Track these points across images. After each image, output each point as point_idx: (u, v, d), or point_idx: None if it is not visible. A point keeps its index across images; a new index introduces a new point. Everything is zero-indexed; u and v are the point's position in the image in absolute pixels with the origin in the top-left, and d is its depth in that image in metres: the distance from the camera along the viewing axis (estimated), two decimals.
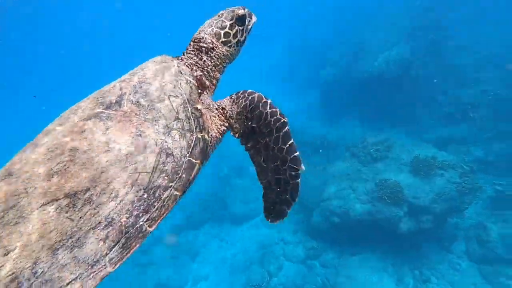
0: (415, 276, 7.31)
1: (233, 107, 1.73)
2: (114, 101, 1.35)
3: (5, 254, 0.98)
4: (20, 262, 0.98)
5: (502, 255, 7.05)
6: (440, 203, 7.32)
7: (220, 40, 1.74)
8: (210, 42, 1.74)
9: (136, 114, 1.32)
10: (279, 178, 1.65)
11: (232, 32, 1.75)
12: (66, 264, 1.03)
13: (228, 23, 1.73)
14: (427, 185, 7.51)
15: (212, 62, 1.76)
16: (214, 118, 1.69)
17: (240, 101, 1.71)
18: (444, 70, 13.05)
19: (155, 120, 1.33)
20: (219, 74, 1.83)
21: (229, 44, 1.77)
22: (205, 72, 1.74)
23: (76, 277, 1.04)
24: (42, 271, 1.00)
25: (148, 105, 1.36)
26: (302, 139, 13.40)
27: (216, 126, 1.68)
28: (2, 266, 0.97)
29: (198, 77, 1.68)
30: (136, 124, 1.30)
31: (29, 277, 0.98)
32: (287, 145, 1.62)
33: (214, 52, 1.76)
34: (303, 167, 1.60)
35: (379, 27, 14.60)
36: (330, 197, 8.40)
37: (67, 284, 1.02)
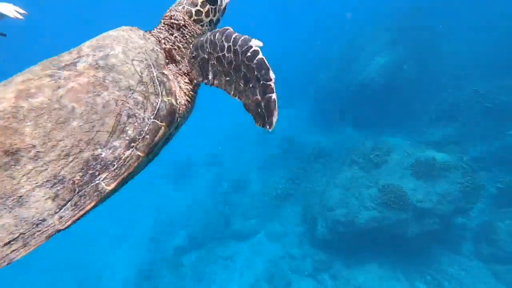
0: (426, 281, 7.11)
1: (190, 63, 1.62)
2: (69, 62, 1.26)
3: None
4: None
5: None
6: (445, 205, 7.23)
7: (192, 18, 1.66)
8: (181, 19, 1.65)
9: (93, 75, 1.24)
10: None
11: (204, 11, 1.66)
12: (3, 225, 0.96)
13: (199, 1, 1.64)
14: (431, 188, 7.43)
15: (184, 39, 1.66)
16: (181, 85, 1.57)
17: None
18: (433, 73, 13.32)
19: (115, 82, 1.26)
20: (183, 52, 1.69)
21: (201, 23, 1.68)
22: (175, 47, 1.63)
23: (17, 237, 0.97)
24: None
25: (108, 67, 1.28)
26: (299, 149, 13.34)
27: (183, 93, 1.57)
28: None
29: (167, 49, 1.59)
30: (93, 84, 1.21)
31: None
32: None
33: (187, 30, 1.66)
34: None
35: (368, 34, 14.89)
36: (334, 206, 8.21)
37: (5, 244, 0.95)
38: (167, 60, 1.54)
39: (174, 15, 1.65)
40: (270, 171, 13.24)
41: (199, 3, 1.64)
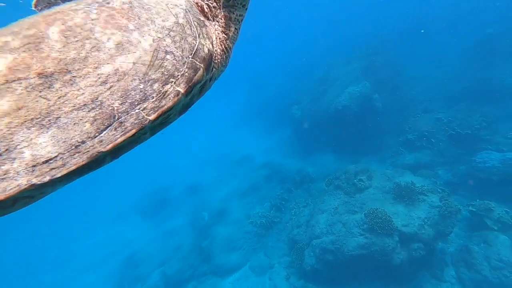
0: None
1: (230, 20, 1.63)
2: (102, 0, 1.25)
3: None
4: None
5: (489, 278, 7.20)
6: (427, 229, 7.42)
7: None
8: None
9: (128, 12, 1.23)
10: None
11: None
12: (41, 143, 0.96)
13: None
14: (413, 212, 7.64)
15: (212, 4, 1.65)
16: (218, 33, 1.58)
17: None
18: (401, 100, 14.37)
19: (151, 20, 1.25)
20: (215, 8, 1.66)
21: None
22: (207, 5, 1.61)
23: (55, 156, 0.97)
24: (7, 149, 0.92)
25: (143, 7, 1.28)
26: (282, 176, 13.28)
27: (219, 41, 1.58)
28: None
29: (200, 4, 1.58)
30: (128, 19, 1.21)
31: None
32: None
33: None
34: None
35: (342, 65, 15.85)
36: (321, 234, 8.07)
37: (44, 162, 0.95)
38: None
39: None
40: (253, 200, 12.95)
41: None
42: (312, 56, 22.38)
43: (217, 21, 1.60)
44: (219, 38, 1.57)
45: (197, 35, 1.36)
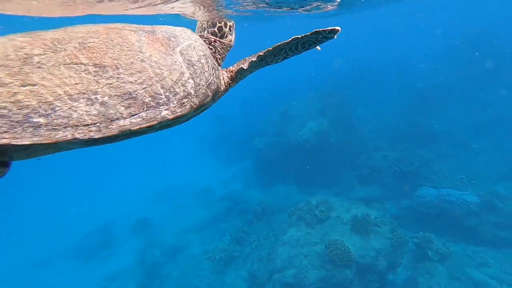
0: None
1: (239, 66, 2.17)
2: (149, 29, 1.69)
3: (24, 85, 1.13)
4: (39, 96, 1.15)
5: None
6: (381, 260, 7.87)
7: (218, 35, 2.33)
8: (212, 39, 2.33)
9: (166, 43, 1.66)
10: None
11: (223, 25, 2.34)
12: (86, 111, 1.24)
13: (216, 23, 2.32)
14: (368, 243, 8.09)
15: (217, 50, 2.31)
16: (224, 77, 2.13)
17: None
18: (354, 138, 15.77)
19: (182, 53, 1.69)
20: (220, 60, 2.35)
21: (223, 33, 2.35)
22: (213, 50, 2.28)
23: (95, 123, 1.25)
24: (61, 109, 1.18)
25: (177, 42, 1.72)
26: (243, 208, 13.13)
27: (224, 82, 2.11)
28: (18, 93, 1.11)
29: (211, 52, 2.21)
30: (166, 47, 1.63)
31: (46, 110, 1.15)
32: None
33: (218, 43, 2.33)
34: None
35: (302, 102, 17.05)
36: (283, 267, 8.00)
37: (85, 125, 1.22)
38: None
39: (205, 36, 2.31)
40: (212, 233, 12.41)
41: (217, 24, 2.30)
42: (275, 92, 23.72)
43: (229, 71, 2.19)
44: (225, 82, 2.13)
45: (212, 74, 1.85)
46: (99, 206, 19.24)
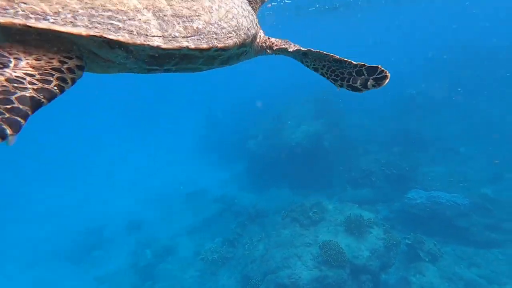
0: None
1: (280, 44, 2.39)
2: None
3: None
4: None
5: None
6: (374, 260, 7.94)
7: None
8: None
9: None
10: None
11: None
12: (154, 25, 1.45)
13: None
14: (362, 244, 8.16)
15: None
16: (262, 36, 2.35)
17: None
18: (346, 141, 15.98)
19: (234, 2, 1.98)
20: (256, 11, 2.60)
21: None
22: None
23: (159, 36, 1.45)
24: (140, 19, 1.42)
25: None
26: (236, 210, 13.07)
27: (261, 41, 2.33)
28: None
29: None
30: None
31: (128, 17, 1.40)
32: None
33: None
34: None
35: (296, 105, 17.22)
36: (277, 268, 7.98)
37: (153, 36, 1.44)
38: None
39: None
40: (205, 235, 12.30)
41: None
42: (269, 95, 23.86)
43: (270, 41, 2.37)
44: (261, 41, 2.31)
45: (252, 20, 2.08)
46: (91, 207, 18.84)
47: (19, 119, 0.91)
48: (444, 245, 10.46)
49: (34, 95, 0.99)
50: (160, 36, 1.44)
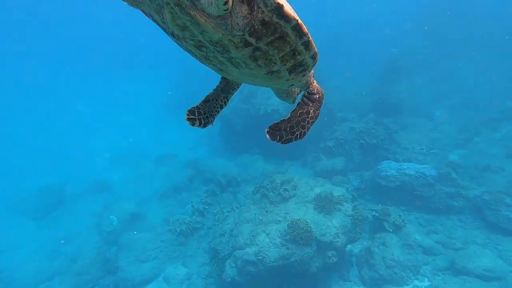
0: None
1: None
2: None
3: None
4: None
5: (384, 275, 8.28)
6: (340, 237, 8.01)
7: None
8: None
9: None
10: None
11: None
12: None
13: None
14: (330, 221, 8.13)
15: None
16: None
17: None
18: (324, 108, 15.40)
19: None
20: None
21: None
22: None
23: None
24: None
25: None
26: (207, 177, 12.57)
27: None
28: None
29: None
30: None
31: None
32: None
33: None
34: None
35: None
36: (244, 244, 7.86)
37: None
38: None
39: None
40: (173, 202, 11.89)
41: None
42: None
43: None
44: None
45: None
46: (54, 163, 17.66)
47: None
48: (408, 213, 10.92)
49: None
50: None
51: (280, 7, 0.96)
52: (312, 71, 1.61)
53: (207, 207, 10.95)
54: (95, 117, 25.25)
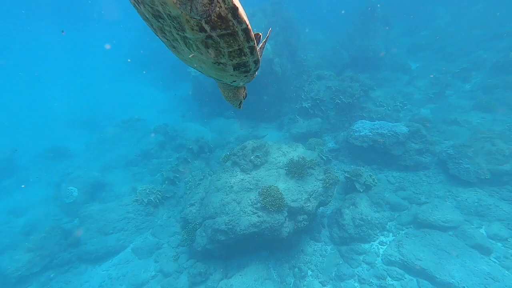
0: (295, 274, 7.81)
1: None
2: None
3: None
4: None
5: (352, 234, 8.56)
6: (312, 201, 7.96)
7: None
8: None
9: None
10: None
11: None
12: None
13: None
14: (302, 186, 7.98)
15: None
16: None
17: None
18: (299, 65, 14.54)
19: None
20: None
21: None
22: None
23: None
24: None
25: None
26: (178, 143, 11.85)
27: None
28: None
29: None
30: None
31: None
32: None
33: None
34: None
35: None
36: (215, 214, 7.63)
37: None
38: None
39: None
40: (142, 170, 11.24)
41: None
42: None
43: None
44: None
45: None
46: (1, 129, 16.03)
47: None
48: (379, 172, 11.12)
49: None
50: None
51: (235, 8, 1.08)
52: (255, 74, 1.59)
53: (178, 175, 10.48)
54: (52, 79, 22.71)
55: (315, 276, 7.72)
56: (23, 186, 11.25)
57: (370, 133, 11.31)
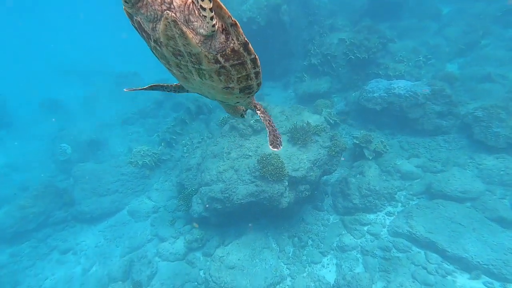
0: (294, 243, 7.54)
1: None
2: None
3: None
4: None
5: (358, 205, 8.04)
6: (315, 170, 7.34)
7: None
8: None
9: None
10: None
11: None
12: None
13: None
14: (305, 154, 7.30)
15: None
16: None
17: None
18: (310, 13, 12.72)
19: None
20: None
21: None
22: None
23: None
24: None
25: None
26: (175, 102, 11.02)
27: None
28: None
29: None
30: None
31: None
32: None
33: None
34: None
35: None
36: (211, 181, 7.16)
37: None
38: None
39: None
40: (138, 129, 10.67)
41: None
42: None
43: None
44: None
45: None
46: None
47: None
48: (392, 137, 10.20)
49: None
50: None
51: (247, 43, 1.25)
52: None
53: (175, 137, 9.89)
54: (48, 26, 21.28)
55: (316, 246, 7.44)
56: (15, 143, 10.94)
57: (385, 94, 10.15)
